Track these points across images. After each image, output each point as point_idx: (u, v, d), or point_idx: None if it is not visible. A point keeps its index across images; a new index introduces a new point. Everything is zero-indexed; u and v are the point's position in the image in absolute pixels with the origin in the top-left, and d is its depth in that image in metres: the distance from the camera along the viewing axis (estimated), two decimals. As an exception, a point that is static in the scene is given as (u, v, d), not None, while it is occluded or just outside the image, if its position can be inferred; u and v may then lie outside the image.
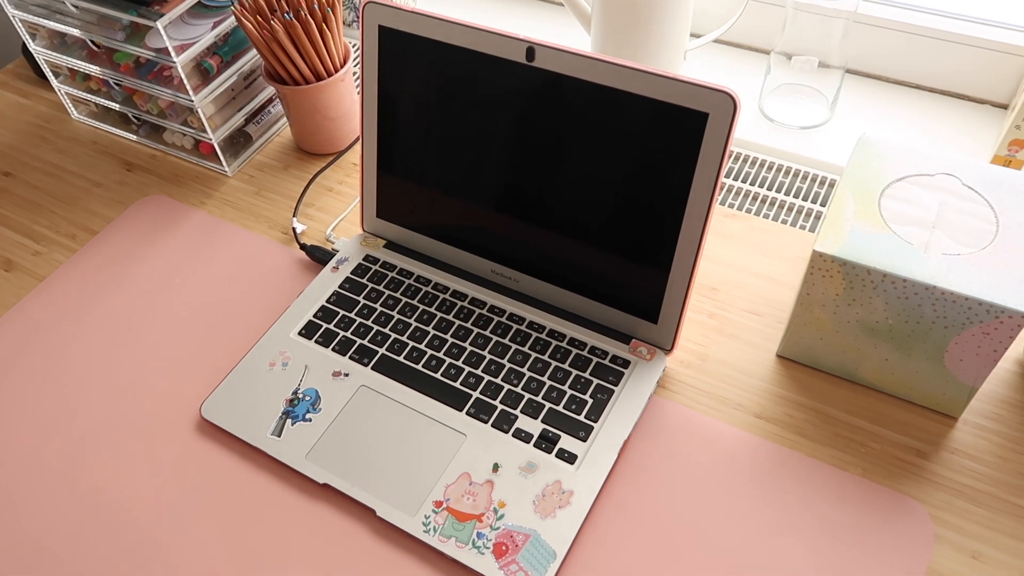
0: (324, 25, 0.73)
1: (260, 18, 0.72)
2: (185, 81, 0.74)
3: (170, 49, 0.71)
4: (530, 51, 0.57)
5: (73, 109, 0.91)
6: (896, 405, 0.60)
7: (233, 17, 0.77)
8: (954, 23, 0.82)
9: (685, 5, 0.82)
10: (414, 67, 0.63)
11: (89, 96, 0.86)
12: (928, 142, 0.81)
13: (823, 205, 0.76)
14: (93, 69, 0.81)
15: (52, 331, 0.70)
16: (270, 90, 0.85)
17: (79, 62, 0.82)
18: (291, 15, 0.71)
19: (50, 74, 0.87)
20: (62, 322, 0.71)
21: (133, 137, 0.88)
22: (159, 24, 0.70)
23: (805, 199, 0.76)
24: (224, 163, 0.81)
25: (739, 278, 0.69)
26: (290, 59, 0.74)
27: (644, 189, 0.57)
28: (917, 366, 0.57)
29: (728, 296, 0.68)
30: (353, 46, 0.95)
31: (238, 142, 0.83)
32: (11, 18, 0.82)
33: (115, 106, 0.84)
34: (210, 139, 0.79)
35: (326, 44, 0.75)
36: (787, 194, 0.77)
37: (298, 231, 0.75)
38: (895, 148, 0.59)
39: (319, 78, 0.77)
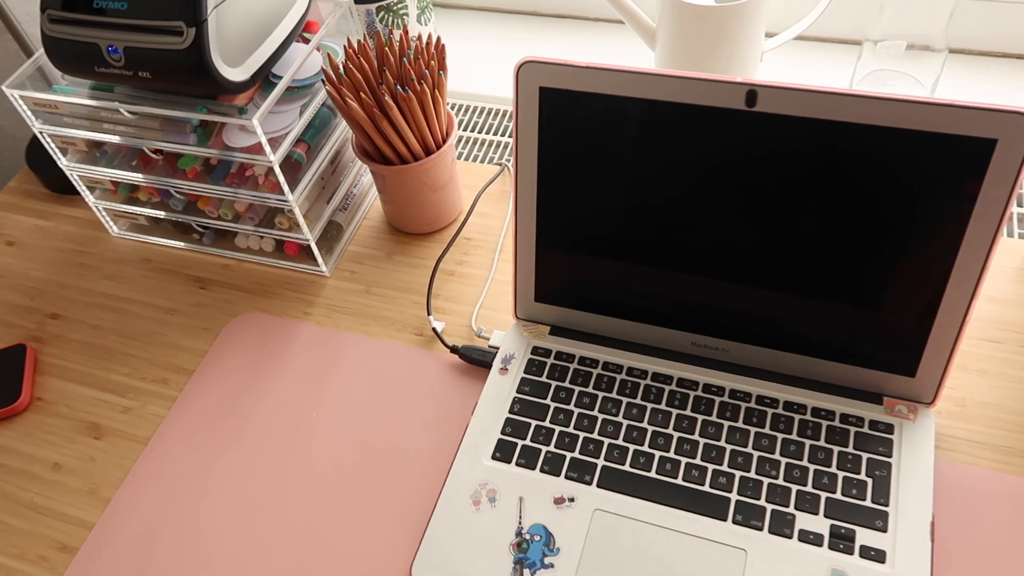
0: (436, 92, 0.63)
1: (364, 95, 0.61)
2: (281, 180, 0.63)
3: (265, 146, 0.60)
4: (751, 95, 0.49)
5: (113, 225, 0.78)
6: None
7: (325, 95, 0.66)
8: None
9: (761, 7, 0.75)
10: (589, 129, 0.54)
11: (135, 209, 0.74)
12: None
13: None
14: (149, 179, 0.69)
15: (179, 503, 0.58)
16: (353, 171, 0.74)
17: (128, 173, 0.69)
18: (402, 87, 0.61)
19: (85, 190, 0.74)
20: (189, 491, 0.59)
21: (189, 247, 0.75)
22: (254, 121, 0.58)
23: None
24: (322, 263, 0.70)
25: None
26: (400, 136, 0.63)
27: (907, 233, 0.50)
28: None
29: (952, 325, 0.61)
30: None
31: (329, 235, 0.72)
32: (38, 135, 0.69)
33: (173, 216, 0.72)
34: (306, 239, 0.68)
35: (437, 114, 0.64)
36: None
37: (439, 330, 0.65)
38: None
39: (427, 151, 0.66)
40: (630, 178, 0.54)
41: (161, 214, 0.73)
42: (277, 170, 0.62)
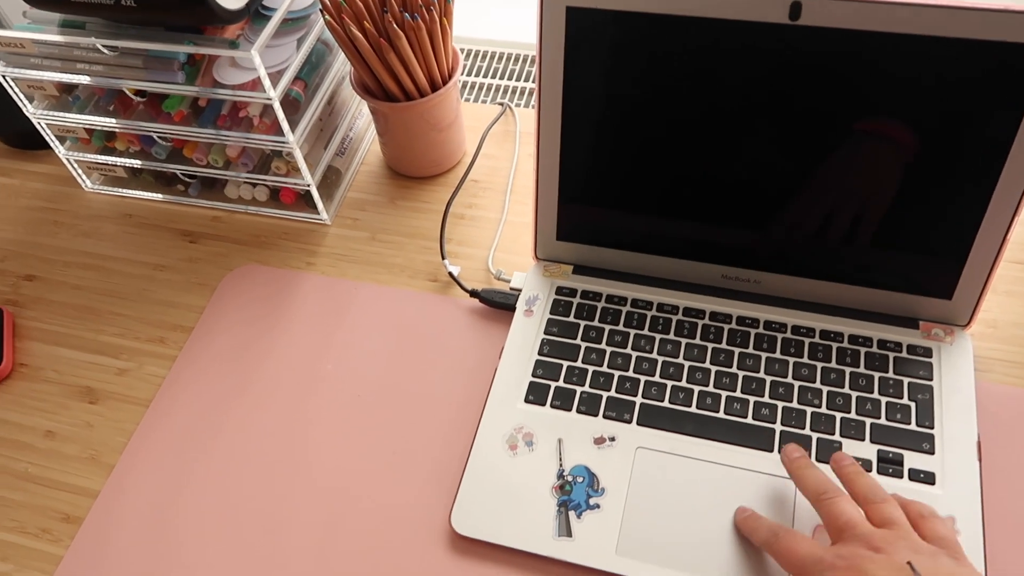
0: (445, 19, 0.59)
1: (368, 25, 0.57)
2: (281, 118, 0.58)
3: (264, 80, 0.56)
4: (795, 7, 0.47)
5: (86, 179, 0.72)
6: None
7: (322, 27, 0.61)
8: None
9: None
10: (619, 52, 0.51)
11: (112, 159, 0.68)
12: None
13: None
14: (128, 124, 0.63)
15: (191, 464, 0.54)
16: (350, 113, 0.70)
17: (105, 119, 0.64)
18: (410, 14, 0.57)
19: (55, 140, 0.68)
20: (200, 452, 0.55)
21: (172, 199, 0.70)
22: (253, 53, 0.54)
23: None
24: (323, 209, 0.66)
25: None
26: (407, 70, 0.60)
27: (949, 150, 0.48)
28: None
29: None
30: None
31: (329, 181, 0.68)
32: (1, 79, 0.63)
33: (156, 166, 0.67)
34: (306, 184, 0.64)
35: (445, 46, 0.61)
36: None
37: (456, 274, 0.62)
38: None
39: (433, 87, 0.63)
40: (663, 103, 0.52)
41: (135, 163, 0.67)
42: (277, 107, 0.57)
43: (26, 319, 0.64)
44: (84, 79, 0.61)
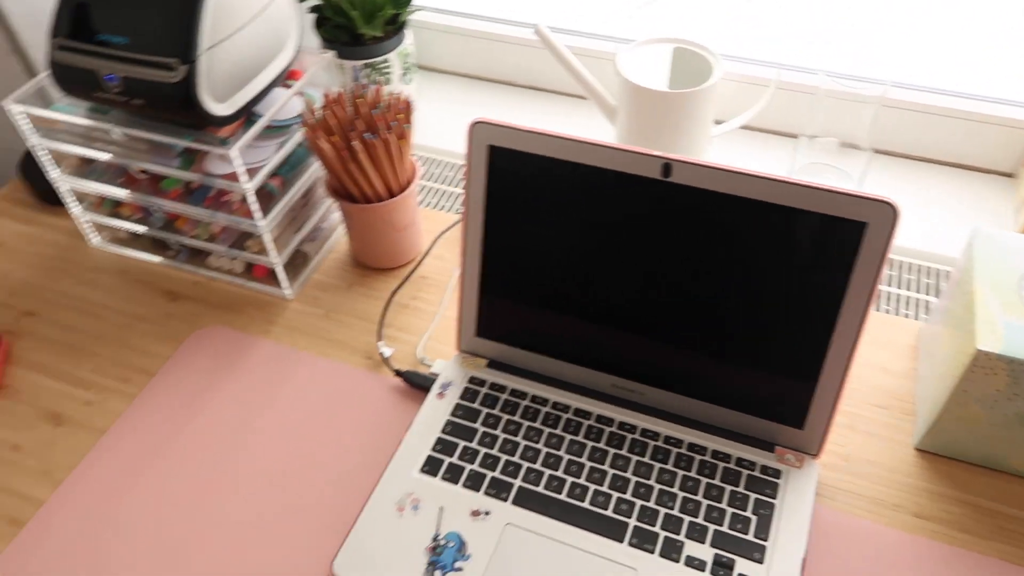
0: (402, 140, 0.70)
1: (336, 138, 0.68)
2: (254, 207, 0.69)
3: (240, 175, 0.67)
4: (666, 167, 0.57)
5: (93, 236, 0.83)
6: (1047, 489, 0.61)
7: (303, 135, 0.73)
8: (960, 101, 0.87)
9: (711, 96, 0.84)
10: (529, 185, 0.61)
11: (117, 223, 0.80)
12: (949, 213, 0.85)
13: (903, 288, 0.77)
14: (133, 196, 0.75)
15: (126, 492, 0.62)
16: (324, 207, 0.81)
17: (114, 189, 0.75)
18: (371, 134, 0.68)
19: (73, 201, 0.80)
20: (136, 480, 0.63)
21: (163, 262, 0.81)
22: (233, 151, 0.65)
23: (888, 284, 0.78)
24: (286, 285, 0.76)
25: (856, 371, 0.69)
26: (367, 178, 0.70)
27: (794, 299, 0.57)
28: (1066, 449, 0.58)
29: (852, 391, 0.68)
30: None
31: (297, 262, 0.78)
32: (32, 148, 0.75)
33: (152, 232, 0.78)
34: (273, 263, 0.74)
35: (402, 162, 0.72)
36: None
37: (387, 355, 0.71)
38: (1008, 239, 0.61)
39: (391, 194, 0.73)
40: (562, 231, 0.61)
41: (142, 229, 0.79)
42: (251, 197, 0.68)
43: (20, 348, 0.74)
44: (100, 155, 0.72)
